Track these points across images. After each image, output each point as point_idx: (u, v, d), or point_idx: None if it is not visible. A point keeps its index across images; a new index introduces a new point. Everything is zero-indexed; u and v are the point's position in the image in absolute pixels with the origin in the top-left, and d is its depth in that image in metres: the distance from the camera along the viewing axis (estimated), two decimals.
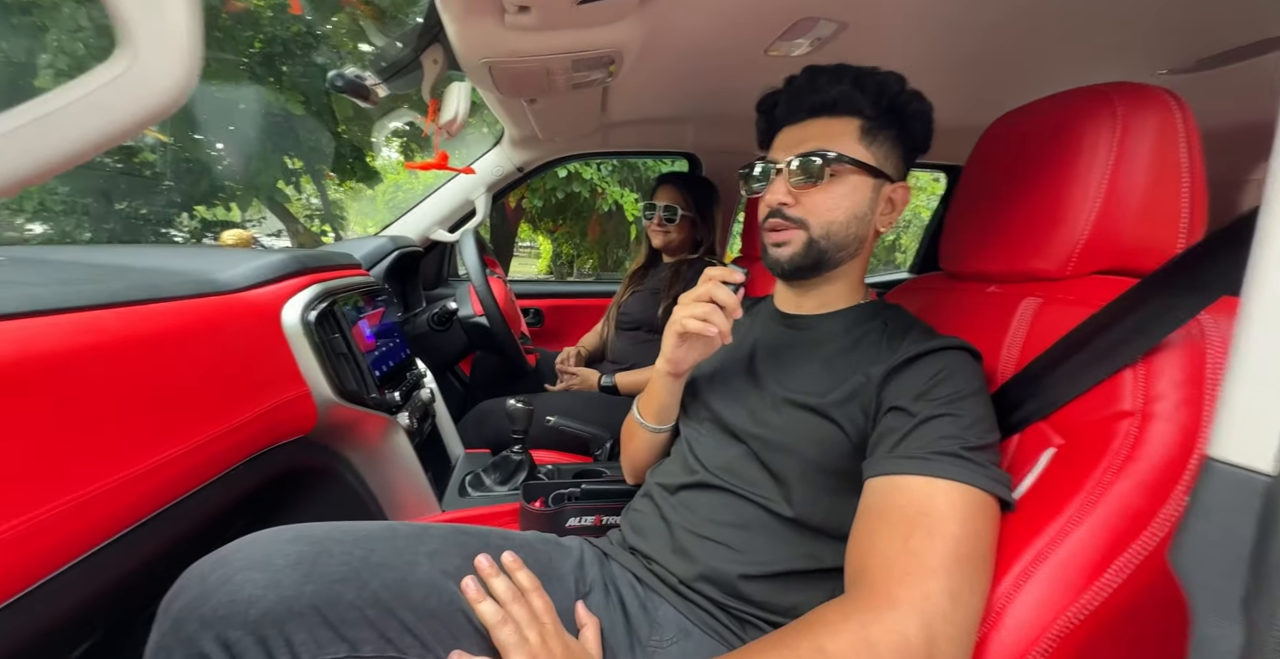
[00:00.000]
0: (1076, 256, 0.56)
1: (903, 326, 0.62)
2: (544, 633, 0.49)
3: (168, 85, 0.27)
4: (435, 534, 0.56)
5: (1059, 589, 0.40)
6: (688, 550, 0.61)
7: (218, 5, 4.34)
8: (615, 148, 1.79)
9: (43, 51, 3.53)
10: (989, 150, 0.68)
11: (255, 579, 0.44)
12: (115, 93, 0.26)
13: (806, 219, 0.62)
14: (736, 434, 0.64)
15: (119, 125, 0.27)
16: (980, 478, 0.46)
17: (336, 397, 0.79)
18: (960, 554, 0.42)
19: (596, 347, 1.65)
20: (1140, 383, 0.44)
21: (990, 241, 0.66)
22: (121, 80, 0.26)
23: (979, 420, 0.50)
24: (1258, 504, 0.28)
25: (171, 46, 0.26)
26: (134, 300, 0.54)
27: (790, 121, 0.65)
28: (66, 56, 3.55)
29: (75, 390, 0.47)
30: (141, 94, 0.27)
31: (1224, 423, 0.30)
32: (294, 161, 5.55)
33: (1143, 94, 0.52)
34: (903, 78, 0.62)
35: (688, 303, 0.61)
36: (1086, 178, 0.54)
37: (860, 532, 0.49)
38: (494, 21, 0.79)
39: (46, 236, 4.80)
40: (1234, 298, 0.40)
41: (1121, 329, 0.46)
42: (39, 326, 0.45)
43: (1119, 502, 0.41)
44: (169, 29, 0.26)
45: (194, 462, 0.59)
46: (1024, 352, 0.58)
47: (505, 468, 1.02)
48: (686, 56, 1.07)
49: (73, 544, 0.48)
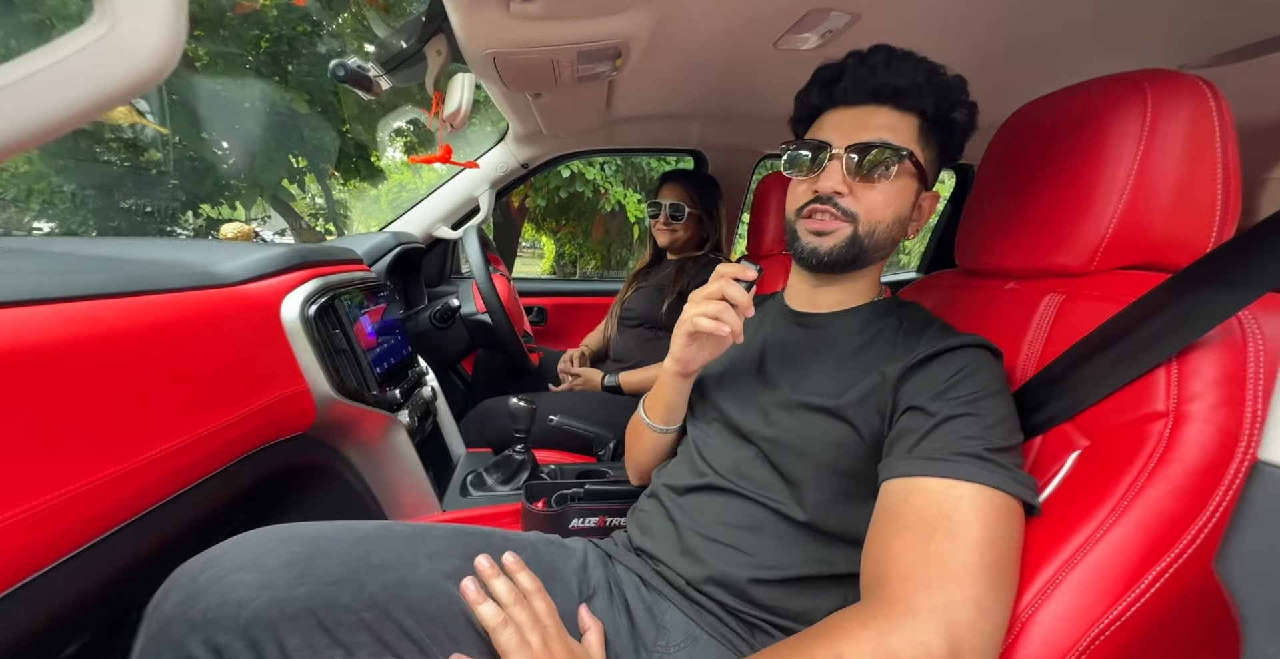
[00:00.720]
0: (1102, 251, 0.53)
1: (919, 324, 0.60)
2: (546, 636, 0.48)
3: (148, 55, 0.25)
4: (435, 535, 0.54)
5: (1090, 598, 0.38)
6: (696, 552, 0.59)
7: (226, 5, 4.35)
8: (620, 145, 1.77)
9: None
10: (1007, 144, 0.66)
11: (247, 580, 0.42)
12: (90, 61, 0.24)
13: (857, 213, 0.58)
14: (747, 436, 0.62)
15: (92, 98, 0.25)
16: (1004, 480, 0.44)
17: (336, 393, 0.78)
18: (984, 561, 0.40)
19: (600, 345, 1.64)
20: (1174, 382, 0.42)
21: (1009, 237, 0.64)
22: (96, 47, 0.24)
23: (1002, 420, 0.48)
24: None
25: (154, 10, 0.25)
26: (131, 291, 0.53)
27: (849, 102, 0.60)
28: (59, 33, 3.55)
29: (69, 381, 0.45)
30: (119, 64, 0.25)
31: (1272, 426, 0.28)
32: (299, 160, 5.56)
33: (1176, 82, 0.50)
34: (963, 82, 0.59)
35: (699, 301, 0.58)
36: (1114, 169, 0.52)
37: (877, 536, 0.47)
38: (499, 10, 0.77)
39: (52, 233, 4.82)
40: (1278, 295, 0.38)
41: (1154, 326, 0.44)
42: (34, 316, 0.44)
43: (1154, 506, 0.39)
44: None
45: (189, 457, 0.57)
46: (1045, 350, 0.56)
47: (507, 467, 1.01)
48: (694, 49, 1.05)
49: (63, 540, 0.47)
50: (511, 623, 0.47)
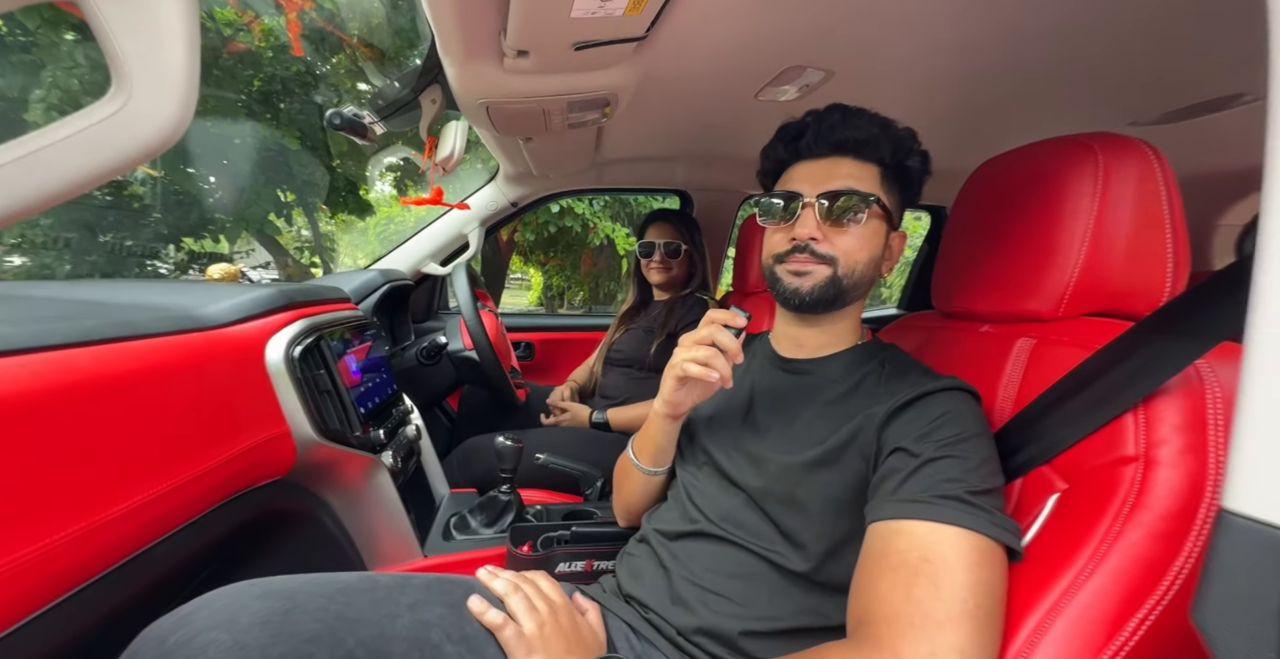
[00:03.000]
0: (1068, 299, 0.56)
1: (901, 367, 0.62)
2: (553, 609, 0.53)
3: (161, 125, 0.26)
4: (417, 584, 0.53)
5: (1076, 646, 0.38)
6: (687, 602, 0.58)
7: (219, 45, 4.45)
8: (609, 184, 1.82)
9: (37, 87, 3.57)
10: (976, 193, 0.70)
11: (219, 640, 0.40)
12: (108, 131, 0.25)
13: (835, 256, 0.61)
14: (736, 482, 0.62)
15: (110, 163, 0.26)
16: (985, 524, 0.44)
17: (318, 435, 0.76)
18: (967, 606, 0.41)
19: (587, 381, 1.63)
20: (1141, 428, 0.44)
21: (982, 282, 0.67)
22: (115, 118, 0.25)
23: (983, 462, 0.49)
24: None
25: (168, 86, 0.26)
26: (110, 338, 0.52)
27: (814, 155, 0.64)
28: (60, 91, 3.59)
29: (40, 434, 0.44)
30: (135, 133, 0.26)
31: (1238, 474, 0.29)
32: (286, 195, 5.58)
33: (1122, 144, 0.54)
34: (915, 134, 0.64)
35: (689, 346, 0.60)
36: (1073, 223, 0.55)
37: (862, 577, 0.47)
38: (493, 64, 0.81)
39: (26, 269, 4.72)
40: (1233, 344, 0.40)
41: (1120, 372, 0.46)
42: (5, 367, 0.43)
43: (1131, 551, 0.40)
44: (166, 69, 0.26)
45: (163, 507, 0.55)
46: (1021, 392, 0.58)
47: (492, 509, 0.99)
48: (679, 99, 1.10)
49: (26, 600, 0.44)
50: (510, 623, 0.51)
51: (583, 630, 0.55)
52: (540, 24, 0.67)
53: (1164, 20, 0.71)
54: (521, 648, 0.50)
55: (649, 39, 0.76)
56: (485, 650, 0.50)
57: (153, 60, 0.26)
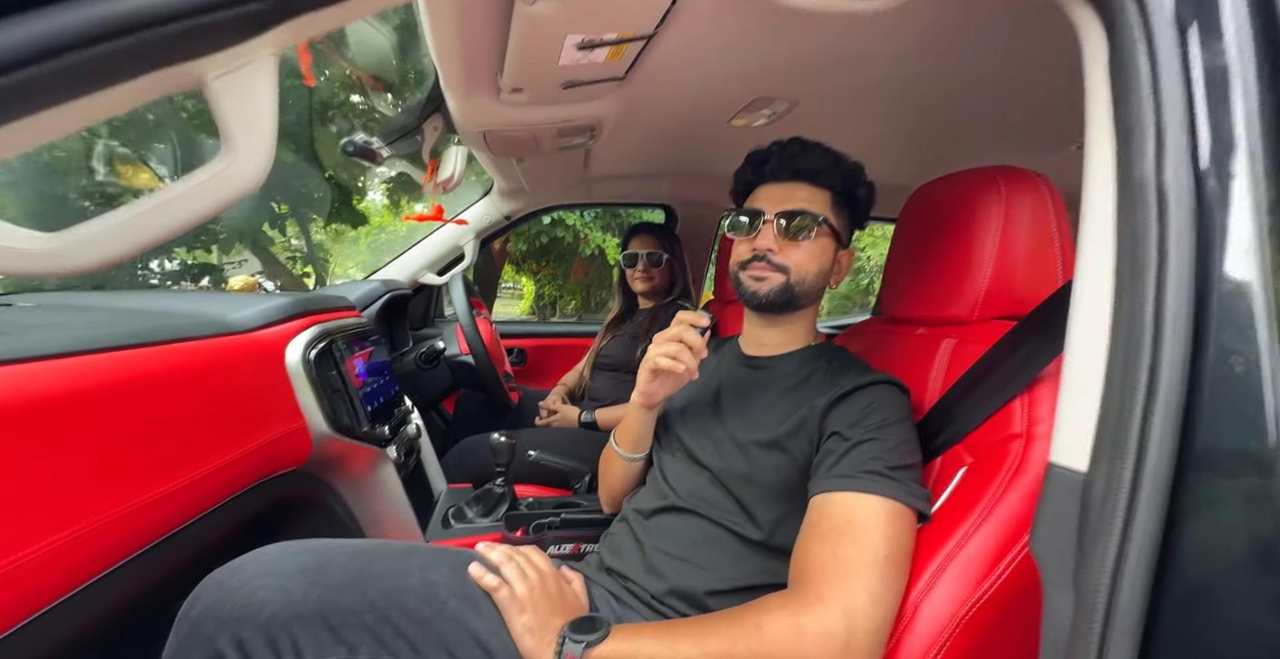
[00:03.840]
0: (981, 305, 0.66)
1: (844, 365, 0.72)
2: (542, 578, 0.60)
3: (251, 177, 0.36)
4: (425, 551, 0.61)
5: (962, 584, 0.48)
6: (659, 568, 0.67)
7: None
8: (598, 199, 1.92)
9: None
10: (912, 214, 0.80)
11: (267, 584, 0.49)
12: (217, 183, 0.35)
13: (788, 265, 0.71)
14: (702, 463, 0.72)
15: (213, 207, 0.35)
16: (899, 492, 0.54)
17: (331, 429, 0.85)
18: (879, 558, 0.50)
19: (577, 385, 1.72)
20: (1025, 410, 0.54)
21: (917, 291, 0.77)
22: (222, 174, 0.35)
23: (901, 443, 0.58)
24: (1078, 496, 0.36)
25: (257, 151, 0.35)
26: (164, 339, 0.61)
27: (776, 179, 0.73)
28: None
29: (112, 421, 0.52)
30: (233, 184, 0.35)
31: (1057, 435, 0.39)
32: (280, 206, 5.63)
33: (1021, 177, 0.65)
34: (862, 168, 0.74)
35: (660, 342, 0.70)
36: (984, 241, 0.66)
37: (801, 541, 0.57)
38: (490, 98, 0.91)
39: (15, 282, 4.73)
40: None
41: (1010, 364, 0.56)
42: (87, 364, 0.51)
43: (1009, 508, 0.49)
44: (257, 139, 0.35)
45: (200, 490, 0.64)
46: (944, 385, 0.67)
47: (487, 501, 1.07)
48: (659, 125, 1.21)
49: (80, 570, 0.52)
50: (505, 586, 0.58)
51: (568, 595, 0.63)
52: (532, 68, 0.77)
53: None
54: (514, 608, 0.58)
55: (629, 78, 0.86)
56: (483, 607, 0.58)
57: (250, 134, 0.35)
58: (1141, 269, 0.35)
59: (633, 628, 0.56)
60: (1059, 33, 0.44)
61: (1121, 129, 0.38)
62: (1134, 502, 0.33)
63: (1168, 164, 0.35)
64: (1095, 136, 0.41)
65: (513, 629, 0.56)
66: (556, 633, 0.56)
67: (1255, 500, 0.31)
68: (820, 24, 0.72)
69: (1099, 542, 0.34)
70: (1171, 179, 0.35)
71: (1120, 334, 0.36)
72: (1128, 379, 0.34)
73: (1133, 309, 0.35)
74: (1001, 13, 0.68)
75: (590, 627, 0.56)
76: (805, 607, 0.49)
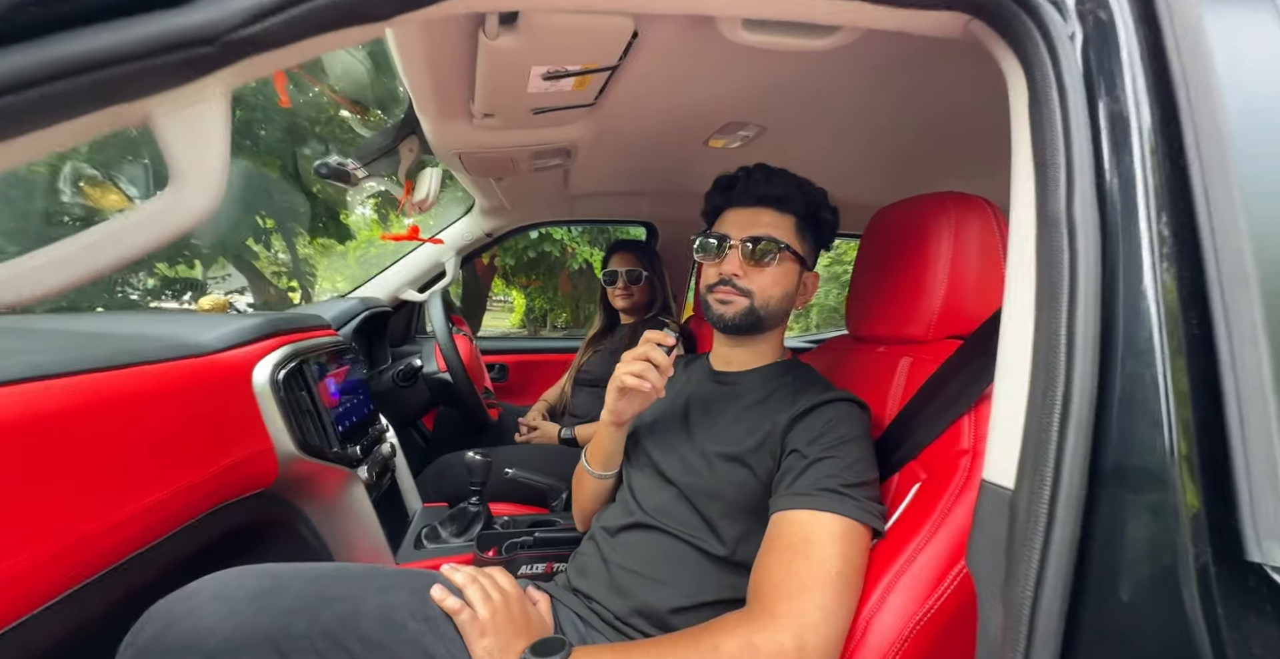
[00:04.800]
0: (934, 324, 0.69)
1: (806, 382, 0.73)
2: (506, 599, 0.60)
3: (200, 209, 0.37)
4: (385, 573, 0.61)
5: (912, 597, 0.49)
6: (623, 587, 0.67)
7: None
8: (580, 216, 1.94)
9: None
10: (873, 235, 0.83)
11: (215, 609, 0.48)
12: (165, 214, 0.36)
13: (752, 290, 0.73)
14: (669, 478, 0.72)
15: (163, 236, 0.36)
16: (853, 509, 0.55)
17: (298, 451, 0.84)
18: (830, 575, 0.51)
19: (558, 401, 1.72)
20: (972, 426, 0.55)
21: (877, 311, 0.79)
22: (170, 206, 0.36)
23: (857, 461, 0.60)
24: (1006, 512, 0.38)
25: (208, 182, 0.36)
26: (124, 363, 0.61)
27: (742, 204, 0.75)
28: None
29: (63, 448, 0.52)
30: (181, 217, 0.36)
31: (989, 453, 0.41)
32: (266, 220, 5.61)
33: (969, 203, 0.68)
34: (825, 192, 0.76)
35: (628, 361, 0.71)
36: (936, 264, 0.68)
37: (759, 558, 0.57)
38: (463, 122, 0.93)
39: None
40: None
41: (957, 383, 0.58)
42: (41, 390, 0.51)
43: (956, 523, 0.51)
44: (207, 170, 0.36)
45: (158, 515, 0.63)
46: (903, 401, 0.69)
47: (462, 520, 1.06)
48: (636, 146, 1.24)
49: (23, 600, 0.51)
50: (467, 609, 0.58)
51: (532, 617, 0.63)
52: (502, 96, 0.79)
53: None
54: (475, 631, 0.57)
55: (599, 104, 0.89)
56: (444, 630, 0.58)
57: (199, 166, 0.36)
58: (1056, 296, 0.37)
59: (593, 649, 0.56)
60: (997, 72, 0.47)
61: (1039, 165, 0.40)
62: (1053, 517, 0.34)
63: (1076, 199, 0.37)
64: (1019, 171, 0.43)
65: (474, 652, 0.56)
66: (517, 655, 0.56)
67: (1158, 514, 0.33)
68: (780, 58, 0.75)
69: (1023, 555, 0.35)
70: (1080, 213, 0.37)
71: (1040, 357, 0.38)
72: (1046, 400, 0.36)
73: (1050, 333, 0.37)
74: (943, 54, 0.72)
75: (551, 649, 0.56)
76: (759, 624, 0.50)
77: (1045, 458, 0.35)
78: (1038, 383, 0.38)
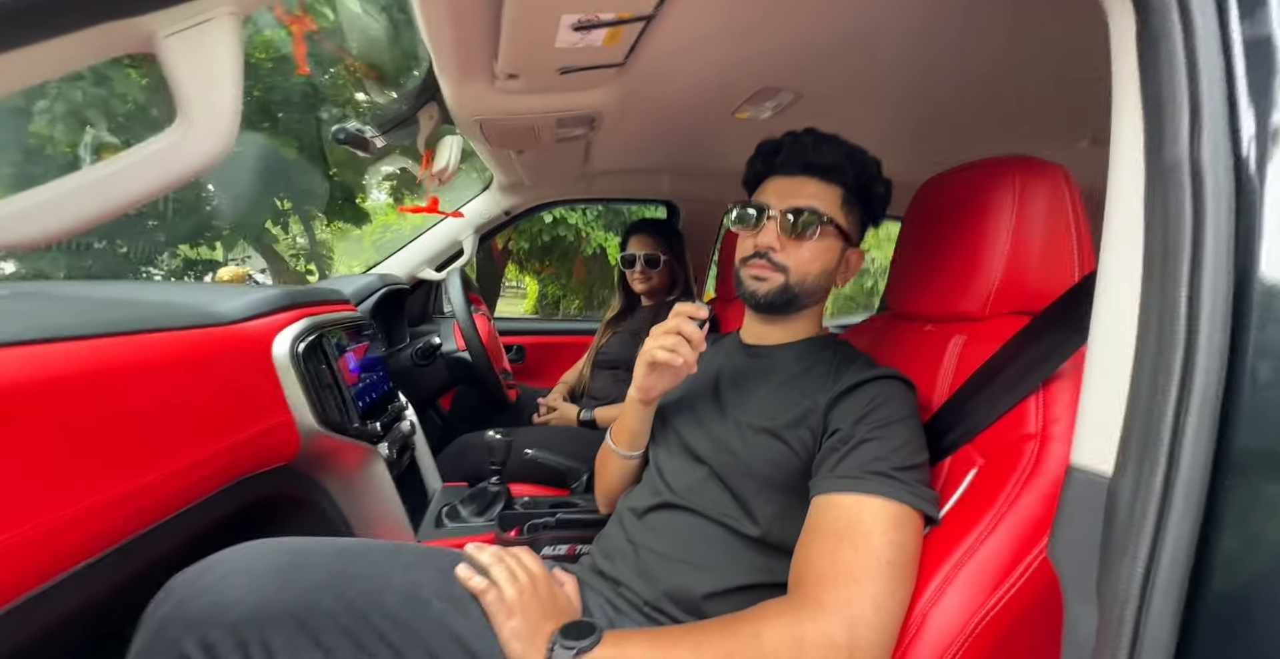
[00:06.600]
0: (993, 300, 0.63)
1: (848, 358, 0.69)
2: (533, 580, 0.57)
3: (209, 150, 0.33)
4: (410, 551, 0.59)
5: (975, 591, 0.45)
6: (651, 572, 0.64)
7: None
8: (599, 194, 1.90)
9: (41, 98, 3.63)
10: (920, 208, 0.77)
11: (239, 583, 0.46)
12: (170, 154, 0.32)
13: (788, 265, 0.68)
14: (700, 457, 0.69)
15: (167, 180, 0.33)
16: (904, 494, 0.51)
17: (319, 425, 0.82)
18: (882, 564, 0.47)
19: (577, 383, 1.69)
20: (1040, 408, 0.51)
21: (925, 286, 0.74)
22: (177, 145, 0.32)
23: (907, 442, 0.56)
24: (1102, 501, 0.33)
25: (217, 121, 0.33)
26: (141, 329, 0.58)
27: (785, 172, 0.70)
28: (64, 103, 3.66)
29: (78, 412, 0.50)
30: (189, 157, 0.33)
31: (1079, 435, 0.36)
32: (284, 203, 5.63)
33: (1037, 168, 0.62)
34: (879, 163, 0.70)
35: (658, 335, 0.67)
36: (996, 235, 0.63)
37: (801, 544, 0.54)
38: (485, 85, 0.88)
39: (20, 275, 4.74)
40: None
41: (1024, 361, 0.53)
42: (46, 353, 0.49)
43: (1024, 511, 0.47)
44: (216, 107, 0.33)
45: (179, 484, 0.61)
46: (954, 382, 0.64)
47: (482, 500, 1.04)
48: (662, 116, 1.18)
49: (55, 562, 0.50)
50: (493, 588, 0.55)
51: (559, 599, 0.61)
52: (527, 52, 0.74)
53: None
54: (502, 612, 0.55)
55: (628, 65, 0.84)
56: (470, 609, 0.55)
57: (207, 101, 0.32)
58: (1174, 258, 0.32)
59: (625, 634, 0.54)
60: (1080, 14, 0.41)
61: (1151, 109, 0.35)
62: (1165, 508, 0.30)
63: (1204, 145, 0.32)
64: (1121, 118, 0.38)
65: (500, 634, 0.54)
66: (546, 638, 0.53)
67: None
68: (830, 6, 0.69)
69: (1126, 551, 0.31)
70: (1208, 161, 0.32)
71: (1150, 328, 0.33)
72: (1159, 376, 0.32)
73: (1164, 301, 0.32)
74: None
75: (581, 632, 0.53)
76: (805, 615, 0.47)
77: (1157, 441, 0.31)
78: (1145, 357, 0.33)
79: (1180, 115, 0.33)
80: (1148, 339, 0.33)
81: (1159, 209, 0.34)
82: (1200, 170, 0.32)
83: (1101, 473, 0.34)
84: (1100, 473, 0.34)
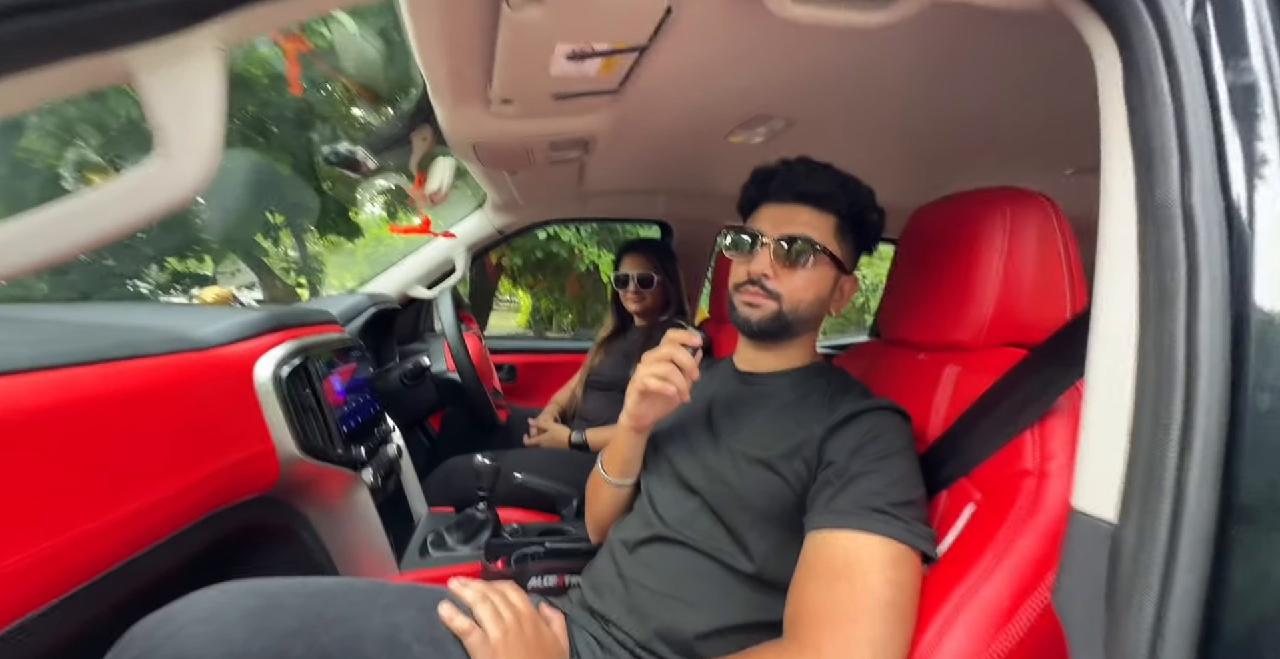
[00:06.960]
0: (986, 330, 0.63)
1: (843, 386, 0.68)
2: (518, 618, 0.55)
3: (189, 183, 0.32)
4: (390, 590, 0.57)
5: (977, 634, 0.44)
6: (643, 609, 0.62)
7: None
8: (593, 214, 1.90)
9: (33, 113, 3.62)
10: (912, 237, 0.78)
11: (202, 633, 0.44)
12: (150, 185, 0.31)
13: (781, 293, 0.68)
14: (692, 487, 0.67)
15: (147, 212, 0.32)
16: (901, 531, 0.50)
17: (300, 452, 0.80)
18: (879, 604, 0.46)
19: (569, 404, 1.67)
20: (1037, 443, 0.50)
21: (918, 314, 0.74)
22: (154, 177, 0.31)
23: (904, 476, 0.55)
24: (1106, 549, 0.32)
25: (197, 152, 0.32)
26: (111, 357, 0.56)
27: (779, 199, 0.70)
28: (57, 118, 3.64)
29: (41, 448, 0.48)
30: (169, 188, 0.32)
31: (1079, 480, 0.36)
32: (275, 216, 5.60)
33: (1026, 199, 0.62)
34: (873, 192, 0.71)
35: (649, 362, 0.66)
36: (988, 266, 0.63)
37: (796, 581, 0.52)
38: (480, 109, 0.88)
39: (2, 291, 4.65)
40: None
41: (1020, 395, 0.52)
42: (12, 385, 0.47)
43: (1025, 551, 0.45)
44: (197, 138, 0.32)
45: (150, 519, 0.59)
46: (949, 413, 0.64)
47: (469, 527, 1.02)
48: (656, 140, 1.19)
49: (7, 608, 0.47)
50: (476, 630, 0.53)
51: (545, 639, 0.59)
52: (522, 78, 0.74)
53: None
54: (485, 653, 0.53)
55: (622, 91, 0.84)
56: (452, 651, 0.53)
57: (188, 131, 0.32)
58: (1170, 299, 0.32)
59: None
60: (1066, 49, 0.42)
61: (1140, 151, 0.35)
62: (1173, 557, 0.29)
63: (1194, 188, 0.32)
64: (1111, 157, 0.38)
65: None
66: None
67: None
68: (821, 38, 0.70)
69: (1133, 602, 0.30)
70: (1199, 203, 0.32)
71: (1148, 371, 0.33)
72: (1159, 418, 0.31)
73: (1160, 341, 0.32)
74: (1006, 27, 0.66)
75: None
76: (802, 657, 0.45)
77: (1159, 487, 0.30)
78: (1145, 398, 0.32)
79: (1169, 160, 0.33)
80: (1146, 382, 0.33)
81: (1152, 250, 0.33)
82: (1192, 214, 0.32)
83: (1105, 519, 0.33)
84: (1103, 519, 0.33)
